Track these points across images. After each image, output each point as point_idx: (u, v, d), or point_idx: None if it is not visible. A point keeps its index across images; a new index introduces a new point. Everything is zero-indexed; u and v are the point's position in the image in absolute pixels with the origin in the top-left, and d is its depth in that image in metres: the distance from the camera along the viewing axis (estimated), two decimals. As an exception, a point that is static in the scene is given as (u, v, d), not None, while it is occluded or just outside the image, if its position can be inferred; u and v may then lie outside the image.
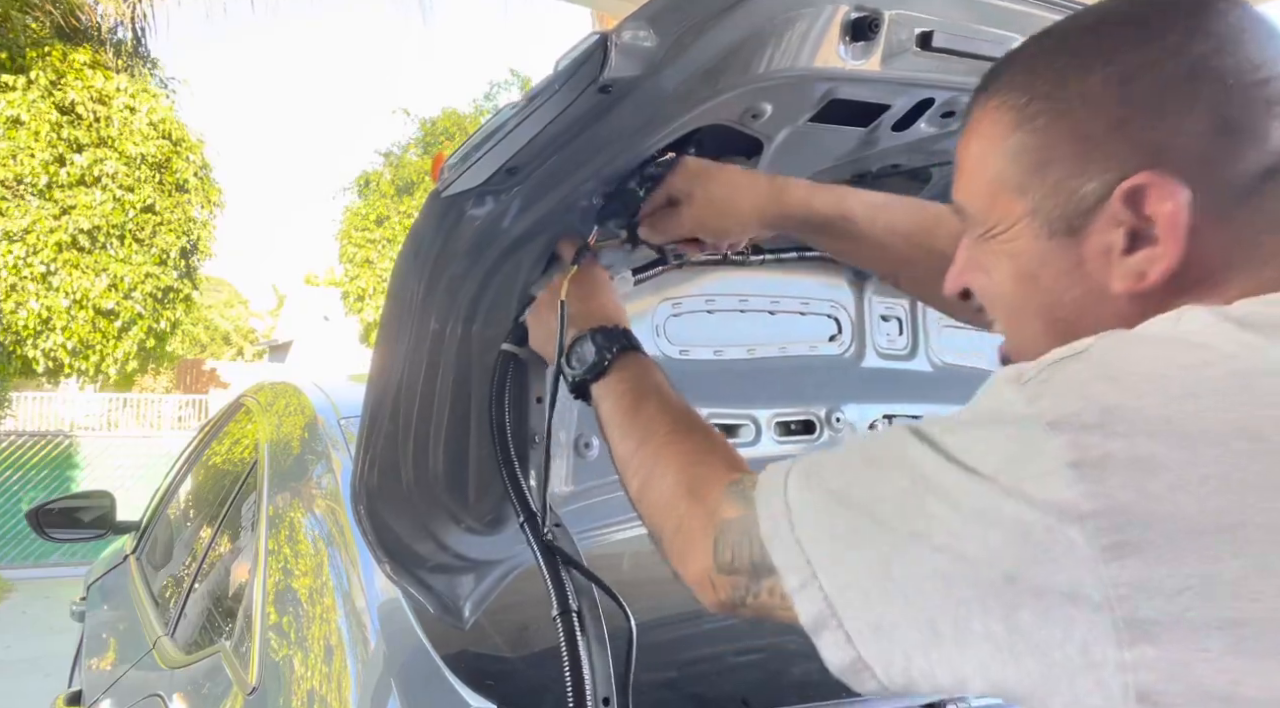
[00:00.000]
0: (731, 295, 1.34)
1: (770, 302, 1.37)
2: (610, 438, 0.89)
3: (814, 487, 0.62)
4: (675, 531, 0.75)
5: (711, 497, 0.72)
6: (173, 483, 3.11)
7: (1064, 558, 0.48)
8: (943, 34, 0.90)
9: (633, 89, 0.82)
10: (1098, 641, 0.47)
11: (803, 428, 1.42)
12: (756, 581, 0.65)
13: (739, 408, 1.37)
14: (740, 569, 0.67)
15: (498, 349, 1.07)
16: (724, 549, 0.69)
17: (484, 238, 1.00)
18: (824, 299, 1.41)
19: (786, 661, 1.58)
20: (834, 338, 1.43)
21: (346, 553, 1.35)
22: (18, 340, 10.02)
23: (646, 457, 0.82)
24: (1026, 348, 0.64)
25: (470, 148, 0.89)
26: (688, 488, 0.76)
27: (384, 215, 16.62)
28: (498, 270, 1.04)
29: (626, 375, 0.91)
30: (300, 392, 1.89)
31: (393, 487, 1.09)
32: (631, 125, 0.89)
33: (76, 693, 2.51)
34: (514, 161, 0.88)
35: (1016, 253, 0.65)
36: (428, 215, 0.97)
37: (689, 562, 0.73)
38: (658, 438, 0.83)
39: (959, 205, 0.70)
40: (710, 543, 0.70)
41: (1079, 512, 0.48)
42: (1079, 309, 0.63)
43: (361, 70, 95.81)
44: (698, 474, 0.77)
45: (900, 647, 0.55)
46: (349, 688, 1.20)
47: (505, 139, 0.86)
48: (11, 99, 9.83)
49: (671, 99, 0.87)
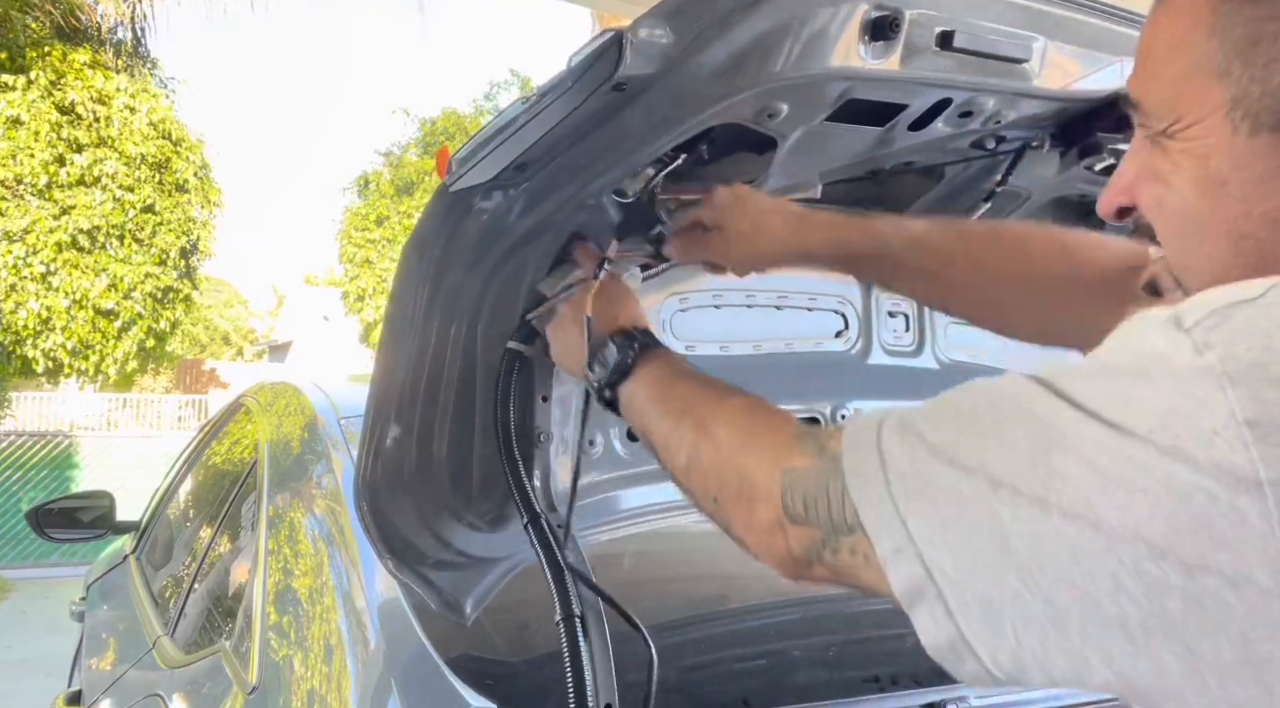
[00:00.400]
0: (738, 291, 1.33)
1: (777, 297, 1.37)
2: (647, 428, 0.84)
3: (914, 440, 0.55)
4: (737, 490, 0.69)
5: (776, 446, 0.66)
6: (173, 483, 3.11)
7: (1228, 532, 0.41)
8: (964, 34, 0.88)
9: (647, 87, 0.81)
10: (1262, 635, 0.40)
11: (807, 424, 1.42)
12: (834, 537, 0.59)
13: None
14: (815, 521, 0.61)
15: (503, 347, 1.07)
16: (794, 499, 0.62)
17: (491, 233, 0.99)
18: (831, 295, 1.41)
19: (788, 662, 1.58)
20: (840, 334, 1.43)
21: (346, 553, 1.35)
22: (18, 340, 10.01)
23: (690, 426, 0.77)
24: (1202, 272, 0.56)
25: (479, 143, 0.88)
26: (743, 442, 0.70)
27: (384, 215, 16.61)
28: (504, 266, 1.03)
29: (654, 367, 0.89)
30: (300, 392, 1.89)
31: (395, 482, 1.08)
32: (645, 124, 0.88)
33: (76, 693, 2.50)
34: (524, 158, 0.88)
35: (1205, 153, 0.55)
36: (434, 209, 0.96)
37: (754, 514, 0.66)
38: (700, 407, 0.78)
39: (1134, 99, 0.60)
40: (777, 491, 0.64)
41: (1254, 479, 0.41)
42: (1275, 226, 0.53)
43: (361, 70, 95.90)
44: (754, 426, 0.71)
45: (1012, 627, 0.48)
46: (349, 688, 1.20)
47: (515, 135, 0.85)
48: (11, 99, 9.82)
49: (686, 98, 0.86)
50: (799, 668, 1.54)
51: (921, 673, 1.46)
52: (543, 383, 1.13)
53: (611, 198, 1.03)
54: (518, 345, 1.07)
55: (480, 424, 1.09)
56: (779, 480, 0.64)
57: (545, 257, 1.06)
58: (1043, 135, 1.10)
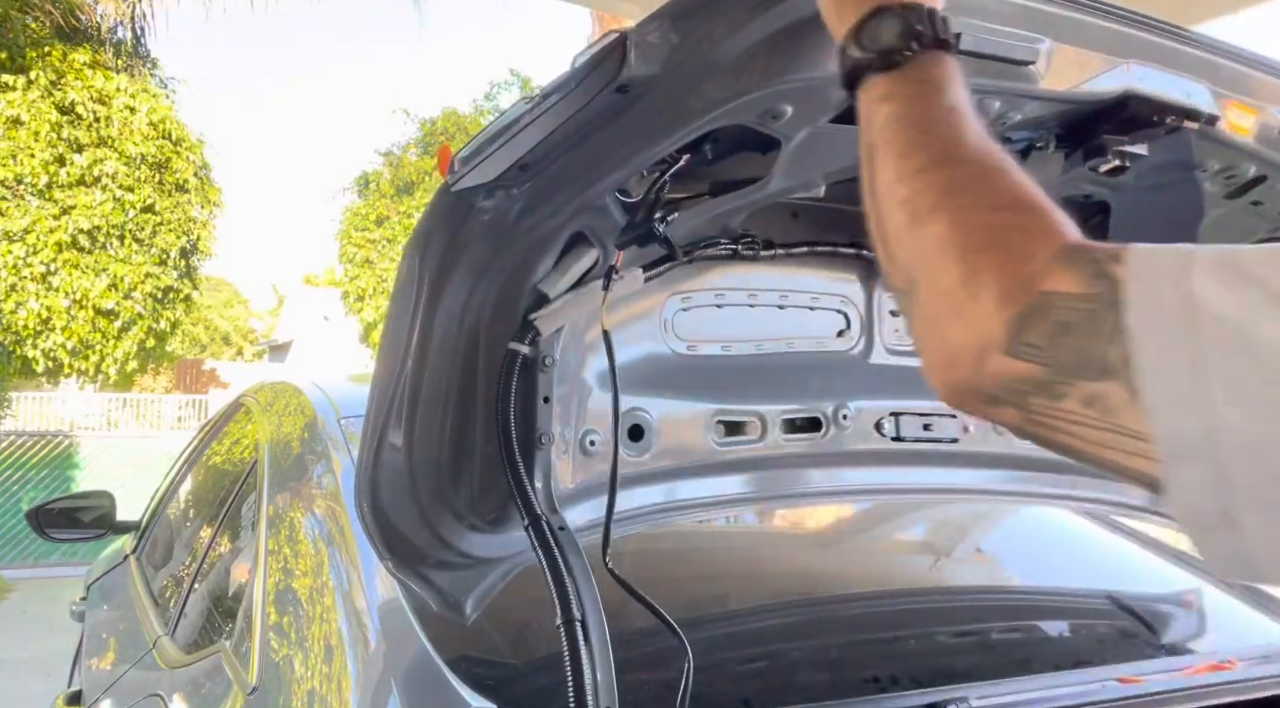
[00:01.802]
0: (741, 290, 1.33)
1: (779, 296, 1.36)
2: (877, 152, 0.67)
3: (1246, 285, 0.47)
4: (953, 288, 0.57)
5: (1033, 255, 0.55)
6: (173, 483, 3.11)
7: None
8: (970, 36, 0.87)
9: (651, 89, 0.80)
10: None
11: (809, 425, 1.41)
12: (1070, 380, 0.51)
13: (746, 404, 1.36)
14: (1052, 358, 0.52)
15: (504, 347, 1.06)
16: (1037, 327, 0.52)
17: (493, 232, 0.98)
18: (833, 294, 1.40)
19: (788, 663, 1.58)
20: (842, 333, 1.42)
21: (346, 553, 1.35)
22: (18, 340, 10.02)
23: (933, 182, 0.61)
24: None
25: (482, 142, 0.88)
26: (991, 235, 0.57)
27: (384, 215, 16.61)
28: (506, 266, 1.03)
29: (928, 76, 0.67)
30: (300, 392, 1.89)
31: (396, 483, 1.08)
32: (648, 125, 0.87)
33: (76, 693, 2.51)
34: (526, 158, 0.87)
35: None
36: (436, 208, 0.96)
37: (961, 327, 0.57)
38: (957, 164, 0.62)
39: None
40: (1014, 313, 0.54)
41: None
42: None
43: (361, 70, 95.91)
44: (1013, 221, 0.58)
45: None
46: (349, 688, 1.19)
47: (518, 135, 0.85)
48: (11, 99, 9.83)
49: (690, 100, 0.85)
50: (799, 669, 1.54)
51: (922, 674, 1.45)
52: (545, 384, 1.13)
53: (615, 197, 1.02)
54: (519, 346, 1.07)
55: (482, 425, 1.09)
56: (1021, 301, 0.54)
57: (548, 256, 1.05)
58: (1048, 136, 1.10)
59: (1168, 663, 1.54)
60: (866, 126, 0.69)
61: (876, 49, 0.68)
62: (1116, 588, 1.93)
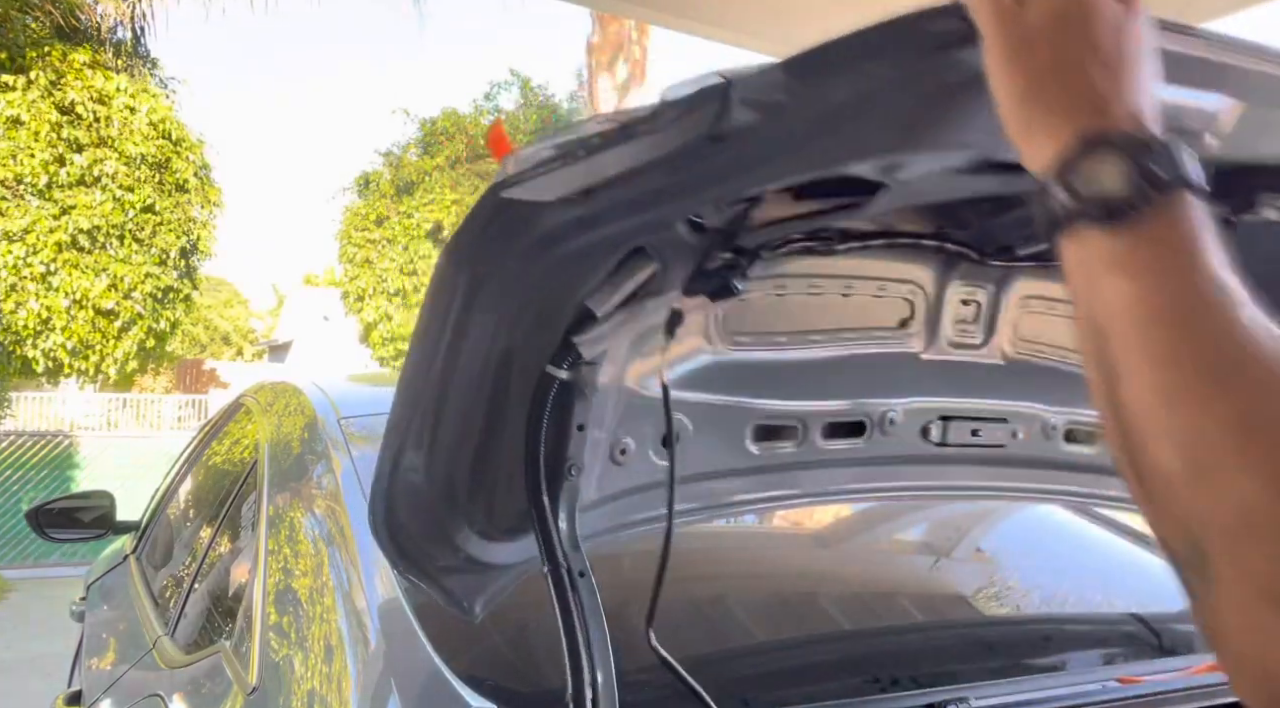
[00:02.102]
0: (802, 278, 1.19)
1: (844, 285, 1.23)
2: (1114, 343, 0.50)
3: None
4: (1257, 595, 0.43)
5: None
6: (173, 483, 3.11)
7: None
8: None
9: (751, 136, 0.71)
10: None
11: (852, 429, 1.33)
12: None
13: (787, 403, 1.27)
14: None
15: (542, 365, 0.98)
16: None
17: (540, 245, 0.89)
18: (904, 280, 1.26)
19: (788, 663, 1.58)
20: (905, 323, 1.28)
21: (346, 553, 1.35)
22: (18, 340, 10.02)
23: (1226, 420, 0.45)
24: None
25: (546, 157, 0.79)
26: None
27: (384, 215, 16.59)
28: (552, 279, 0.94)
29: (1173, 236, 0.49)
30: (300, 392, 1.89)
31: (413, 490, 1.04)
32: (741, 169, 0.78)
33: (76, 693, 2.51)
34: (594, 185, 0.80)
35: None
36: (481, 211, 0.86)
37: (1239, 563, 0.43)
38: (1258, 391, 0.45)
39: None
40: None
41: None
42: None
43: (361, 70, 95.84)
44: None
45: None
46: (349, 688, 1.19)
47: (588, 160, 0.77)
48: (11, 99, 9.83)
49: (798, 153, 0.75)
50: (799, 669, 1.54)
51: (922, 674, 1.46)
52: (581, 412, 1.04)
53: (686, 221, 0.92)
54: (557, 371, 0.98)
55: (509, 447, 1.03)
56: None
57: (599, 271, 0.94)
58: None
59: (1168, 663, 1.54)
60: (1087, 296, 0.51)
61: (1094, 196, 0.50)
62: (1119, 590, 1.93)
